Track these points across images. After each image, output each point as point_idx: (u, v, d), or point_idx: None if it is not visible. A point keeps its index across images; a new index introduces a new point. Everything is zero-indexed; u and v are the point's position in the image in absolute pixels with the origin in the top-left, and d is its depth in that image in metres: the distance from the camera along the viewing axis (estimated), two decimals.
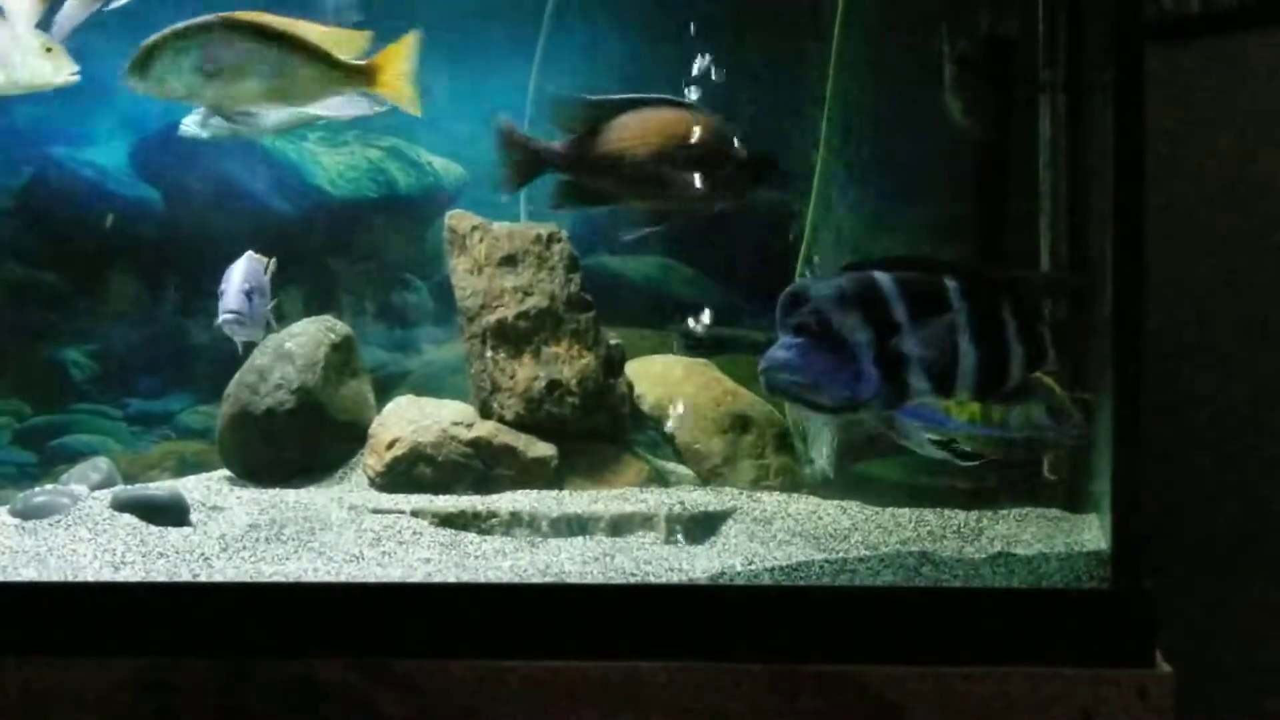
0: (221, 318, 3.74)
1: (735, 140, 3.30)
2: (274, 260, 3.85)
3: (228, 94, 3.39)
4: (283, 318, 4.03)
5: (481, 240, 3.92)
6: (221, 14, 3.37)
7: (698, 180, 3.29)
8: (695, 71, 3.49)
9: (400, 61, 3.37)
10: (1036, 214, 3.64)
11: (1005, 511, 3.43)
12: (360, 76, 3.39)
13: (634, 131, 3.30)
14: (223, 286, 3.76)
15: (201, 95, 3.40)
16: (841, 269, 2.80)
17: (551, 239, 3.92)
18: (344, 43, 3.39)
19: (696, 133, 3.29)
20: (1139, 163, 2.72)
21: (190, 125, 3.88)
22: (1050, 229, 3.62)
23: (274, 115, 3.72)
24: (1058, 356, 2.94)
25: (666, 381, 3.98)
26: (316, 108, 3.62)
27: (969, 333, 2.77)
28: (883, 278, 2.75)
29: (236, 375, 3.94)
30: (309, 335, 3.99)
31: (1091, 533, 3.19)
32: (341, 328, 4.06)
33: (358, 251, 4.36)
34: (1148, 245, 2.72)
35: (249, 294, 3.74)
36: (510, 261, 3.90)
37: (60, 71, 3.55)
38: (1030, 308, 2.85)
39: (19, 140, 4.18)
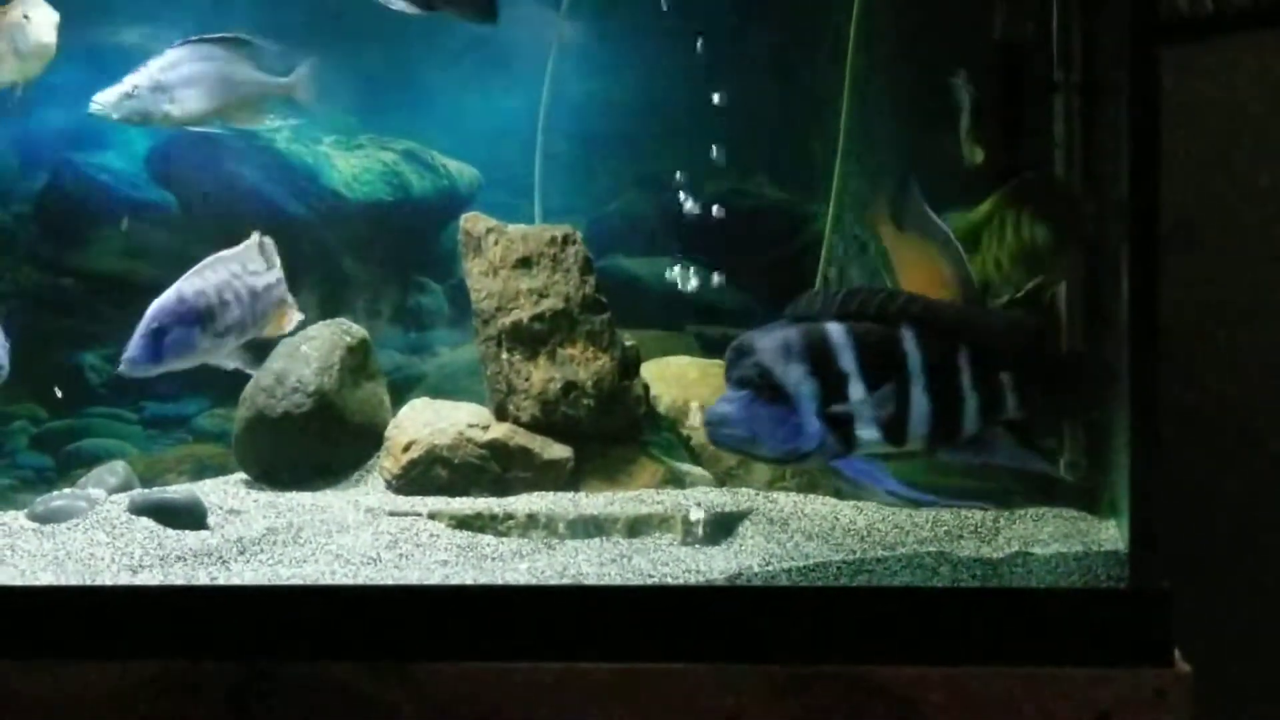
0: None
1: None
2: (260, 236, 3.75)
3: None
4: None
5: (497, 242, 3.92)
6: None
7: None
8: None
9: None
10: None
11: (1022, 512, 3.43)
12: None
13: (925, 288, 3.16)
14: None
15: None
16: (789, 319, 2.78)
17: (566, 241, 3.91)
18: None
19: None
20: (1153, 165, 2.72)
21: (103, 104, 3.70)
22: None
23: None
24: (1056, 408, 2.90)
25: (682, 383, 3.98)
26: None
27: (921, 381, 2.75)
28: (832, 327, 2.73)
29: (253, 378, 3.94)
30: (324, 338, 3.99)
31: (1108, 533, 3.19)
32: (357, 330, 4.06)
33: (373, 254, 4.37)
34: (1161, 249, 2.72)
35: (157, 333, 3.47)
36: (525, 264, 3.90)
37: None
38: (989, 353, 2.82)
39: (34, 144, 4.18)
